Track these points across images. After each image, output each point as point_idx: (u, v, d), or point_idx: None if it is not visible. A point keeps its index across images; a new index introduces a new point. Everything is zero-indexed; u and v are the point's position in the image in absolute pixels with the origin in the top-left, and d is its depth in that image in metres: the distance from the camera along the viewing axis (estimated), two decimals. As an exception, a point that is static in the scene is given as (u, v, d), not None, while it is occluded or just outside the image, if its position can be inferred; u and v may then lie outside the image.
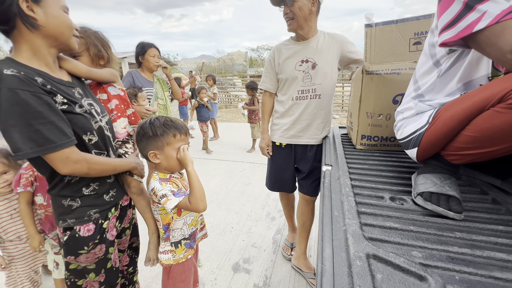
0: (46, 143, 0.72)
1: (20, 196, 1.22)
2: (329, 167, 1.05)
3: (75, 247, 0.89)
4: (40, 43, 0.79)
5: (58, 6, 0.80)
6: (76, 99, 0.85)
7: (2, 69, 0.70)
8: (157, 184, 0.93)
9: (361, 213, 0.70)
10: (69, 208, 0.87)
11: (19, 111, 0.69)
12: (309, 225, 1.65)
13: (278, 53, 1.48)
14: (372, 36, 1.11)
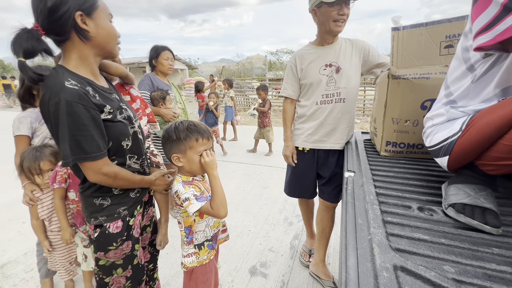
0: (82, 153, 0.79)
1: (55, 192, 1.31)
2: (352, 173, 1.03)
3: (105, 243, 0.94)
4: (89, 52, 0.86)
5: (106, 17, 0.86)
6: (118, 107, 0.93)
7: (63, 81, 0.77)
8: (180, 187, 0.96)
9: (387, 223, 0.68)
10: (101, 206, 0.93)
11: (70, 121, 0.76)
12: (328, 232, 1.62)
13: (300, 59, 1.47)
14: (399, 39, 1.07)
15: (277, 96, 12.40)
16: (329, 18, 1.32)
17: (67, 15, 0.78)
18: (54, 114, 0.77)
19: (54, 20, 0.78)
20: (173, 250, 2.01)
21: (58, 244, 1.46)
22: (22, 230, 2.34)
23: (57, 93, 0.76)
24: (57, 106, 0.75)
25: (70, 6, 0.78)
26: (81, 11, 0.80)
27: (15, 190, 3.07)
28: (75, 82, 0.79)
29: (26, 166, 1.31)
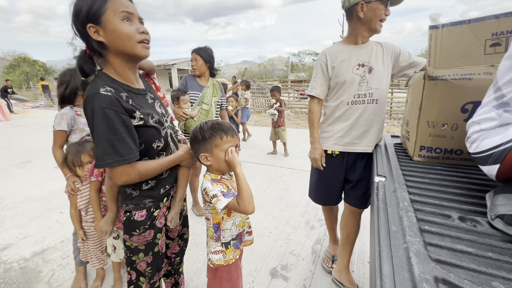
0: (117, 156, 0.83)
1: (92, 184, 1.40)
2: (383, 178, 0.99)
3: (130, 228, 1.02)
4: (116, 60, 0.88)
5: (116, 18, 0.80)
6: (151, 110, 0.97)
7: (99, 88, 0.81)
8: (208, 185, 0.99)
9: (424, 231, 0.64)
10: (130, 195, 1.00)
11: (104, 126, 0.81)
12: (353, 238, 1.56)
13: (331, 57, 1.41)
14: (438, 38, 1.01)
15: (299, 98, 12.28)
16: (377, 16, 1.28)
17: (83, 30, 0.81)
18: (91, 120, 0.83)
19: (82, 37, 0.84)
20: (195, 246, 2.07)
21: (92, 234, 1.56)
22: (59, 219, 2.53)
23: (92, 100, 0.80)
24: (92, 112, 0.81)
25: (81, 19, 0.80)
26: (90, 22, 0.80)
27: (54, 181, 3.33)
28: (110, 88, 0.83)
29: (70, 159, 1.43)
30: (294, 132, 6.78)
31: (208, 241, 1.12)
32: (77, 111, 1.54)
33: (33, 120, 9.17)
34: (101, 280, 1.70)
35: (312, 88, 1.49)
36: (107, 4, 0.80)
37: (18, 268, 1.87)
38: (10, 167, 4.16)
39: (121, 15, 0.81)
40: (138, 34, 0.84)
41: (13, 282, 1.74)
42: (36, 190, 3.20)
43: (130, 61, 0.90)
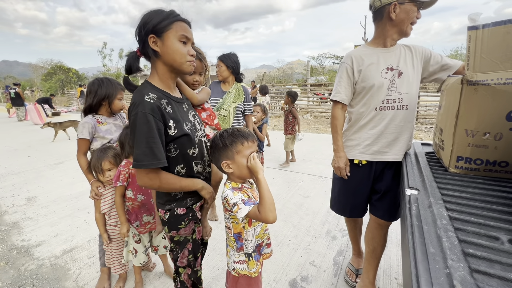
0: (154, 159, 0.91)
1: (117, 189, 1.45)
2: (415, 191, 0.91)
3: (175, 223, 1.09)
4: (164, 69, 1.00)
5: (175, 38, 0.95)
6: (185, 118, 1.06)
7: (144, 95, 0.93)
8: (229, 193, 0.98)
9: (469, 255, 0.57)
10: (175, 197, 1.08)
11: (144, 130, 0.90)
12: (380, 252, 1.47)
13: (357, 60, 1.34)
14: (478, 39, 0.93)
15: (319, 102, 12.08)
16: (409, 19, 1.23)
17: (144, 38, 0.96)
18: (133, 123, 0.92)
19: (139, 42, 0.98)
20: (214, 252, 2.06)
21: (115, 237, 1.61)
22: (87, 219, 2.66)
23: (137, 106, 0.91)
24: (136, 117, 0.91)
25: (147, 29, 0.94)
26: (153, 33, 0.94)
27: (83, 183, 3.53)
28: (153, 96, 0.94)
29: (92, 164, 1.50)
30: (314, 137, 6.65)
31: (228, 250, 1.10)
32: (98, 119, 1.59)
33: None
34: (124, 282, 1.74)
35: (337, 93, 1.41)
36: (172, 25, 0.95)
37: (49, 265, 1.98)
38: (45, 167, 4.48)
39: (180, 37, 0.96)
40: (188, 55, 0.99)
41: (44, 278, 1.84)
42: (67, 191, 3.40)
43: (173, 72, 1.02)
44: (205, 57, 1.30)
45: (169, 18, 0.95)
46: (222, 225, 2.49)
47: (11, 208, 2.96)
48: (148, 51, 0.97)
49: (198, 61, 1.26)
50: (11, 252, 2.15)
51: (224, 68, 2.29)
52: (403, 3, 1.20)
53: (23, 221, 2.66)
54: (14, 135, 7.64)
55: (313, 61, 31.17)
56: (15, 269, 1.94)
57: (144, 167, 0.91)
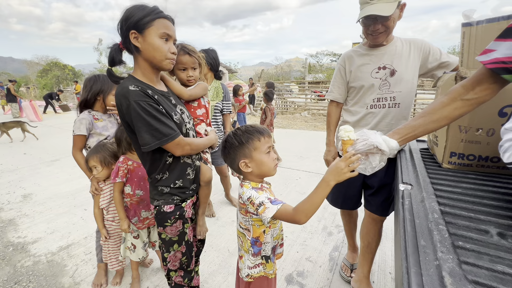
0: (163, 137, 0.97)
1: (115, 185, 1.45)
2: (408, 186, 0.93)
3: (162, 220, 1.12)
4: (144, 64, 1.02)
5: (156, 35, 0.96)
6: (173, 109, 1.07)
7: (127, 86, 0.95)
8: (253, 193, 0.90)
9: (458, 248, 0.58)
10: (161, 191, 1.11)
11: (143, 116, 0.94)
12: (374, 247, 1.49)
13: (350, 61, 1.39)
14: (471, 36, 0.94)
15: (316, 99, 12.09)
16: (366, 31, 1.28)
17: (126, 32, 0.96)
18: (128, 114, 0.96)
19: (122, 36, 0.99)
20: (211, 248, 2.07)
21: (112, 233, 1.62)
22: (84, 216, 2.65)
23: (126, 97, 0.94)
24: (129, 107, 0.94)
25: (128, 24, 0.95)
26: (134, 29, 0.95)
27: (79, 180, 3.51)
28: (136, 85, 0.97)
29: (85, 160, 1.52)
30: (311, 135, 6.67)
31: (243, 255, 1.03)
32: (94, 116, 1.59)
33: (62, 121, 9.77)
34: (120, 278, 1.75)
35: (330, 91, 1.52)
36: (154, 22, 0.96)
37: (46, 261, 1.98)
38: (41, 165, 4.45)
39: (161, 34, 0.97)
40: (169, 53, 1.00)
41: (40, 274, 1.84)
42: (64, 188, 3.39)
43: (153, 67, 1.04)
44: (195, 51, 1.27)
45: (152, 14, 0.95)
46: (220, 221, 2.50)
47: (7, 205, 2.95)
48: (129, 46, 0.98)
49: (187, 56, 1.23)
50: (7, 249, 2.14)
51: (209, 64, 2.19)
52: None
53: (19, 218, 2.65)
54: (10, 132, 7.56)
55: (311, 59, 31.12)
56: (11, 265, 1.94)
57: (153, 147, 0.96)
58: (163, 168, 1.08)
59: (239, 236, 1.05)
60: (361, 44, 1.42)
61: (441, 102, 0.80)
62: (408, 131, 0.84)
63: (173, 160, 1.09)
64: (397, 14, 1.23)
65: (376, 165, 0.80)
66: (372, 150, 0.79)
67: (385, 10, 1.15)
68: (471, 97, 0.76)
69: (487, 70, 0.72)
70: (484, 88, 0.74)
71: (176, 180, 1.11)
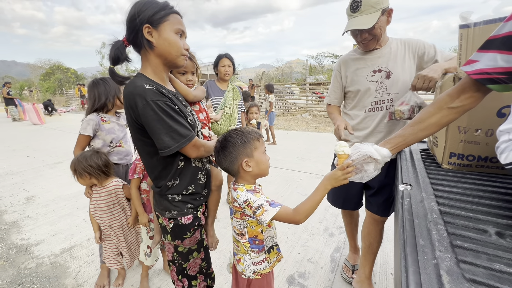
0: (182, 138, 0.92)
1: (133, 182, 1.46)
2: (408, 186, 0.93)
3: (180, 233, 1.06)
4: (157, 61, 0.96)
5: (171, 31, 0.93)
6: (186, 110, 1.03)
7: (143, 84, 0.88)
8: (250, 195, 0.89)
9: (456, 247, 0.59)
10: (173, 200, 1.03)
11: (162, 117, 0.89)
12: (376, 248, 1.49)
13: (345, 66, 1.41)
14: (469, 38, 0.95)
15: (317, 101, 12.10)
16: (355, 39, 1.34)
17: (137, 27, 0.91)
18: (144, 116, 0.88)
19: (130, 31, 0.93)
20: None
21: (106, 235, 1.62)
22: (86, 218, 2.67)
23: (142, 96, 0.87)
24: (146, 107, 0.87)
25: (141, 19, 0.90)
26: (149, 23, 0.90)
27: (82, 182, 3.54)
28: (152, 84, 0.91)
29: None
30: (313, 136, 6.67)
31: (241, 257, 1.03)
32: (102, 117, 1.60)
33: (64, 124, 9.84)
34: (123, 279, 1.76)
35: (327, 96, 1.56)
36: (169, 16, 0.92)
37: (49, 263, 1.99)
38: (44, 167, 4.48)
39: (176, 30, 0.94)
40: (183, 49, 0.97)
41: (44, 276, 1.85)
42: (66, 190, 3.41)
43: (167, 65, 0.99)
44: (194, 56, 1.29)
45: (166, 9, 0.92)
46: (221, 223, 2.50)
47: (10, 208, 2.97)
48: (140, 42, 0.92)
49: (188, 60, 1.21)
50: (11, 251, 2.16)
51: (232, 68, 2.34)
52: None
53: (23, 220, 2.67)
54: (13, 135, 7.63)
55: (312, 60, 31.15)
56: (15, 267, 1.95)
57: (175, 150, 0.91)
58: (175, 174, 1.00)
59: (233, 241, 1.07)
60: (356, 48, 1.43)
61: (428, 112, 0.83)
62: (399, 140, 0.86)
63: (185, 164, 1.02)
64: (384, 20, 1.25)
65: (371, 173, 0.84)
66: (367, 159, 0.83)
67: (366, 23, 1.20)
68: (457, 105, 0.78)
69: (471, 80, 0.74)
70: (469, 96, 0.76)
71: (188, 186, 1.04)
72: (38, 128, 9.02)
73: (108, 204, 1.55)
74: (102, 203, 1.54)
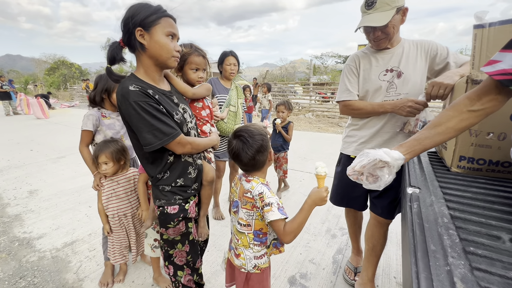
0: (165, 136, 0.97)
1: (141, 176, 1.47)
2: (417, 189, 0.91)
3: (165, 221, 1.11)
4: (148, 62, 1.01)
5: (162, 33, 0.97)
6: (174, 109, 1.06)
7: (128, 86, 0.94)
8: (266, 189, 0.94)
9: (470, 253, 0.57)
10: (162, 190, 1.10)
11: (143, 116, 0.94)
12: (379, 250, 1.47)
13: (359, 61, 1.38)
14: (484, 38, 0.92)
15: (321, 101, 12.05)
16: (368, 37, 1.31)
17: (131, 30, 0.95)
18: (128, 115, 0.95)
19: (125, 33, 0.98)
20: (214, 248, 2.07)
21: (114, 228, 1.62)
22: (88, 213, 2.68)
23: (126, 98, 0.93)
24: (129, 107, 0.93)
25: (134, 22, 0.94)
26: (141, 27, 0.94)
27: (84, 177, 3.55)
28: (137, 85, 0.95)
29: (93, 155, 1.53)
30: (315, 136, 6.64)
31: (241, 252, 1.04)
32: (103, 113, 1.61)
33: (68, 119, 9.88)
34: (124, 275, 1.76)
35: (349, 92, 1.40)
36: (160, 20, 0.96)
37: (50, 257, 1.99)
38: (47, 161, 4.50)
39: (167, 32, 0.98)
40: (174, 51, 1.01)
41: (45, 270, 1.86)
42: (69, 184, 3.42)
43: (158, 65, 1.03)
44: (205, 54, 1.30)
45: (158, 12, 0.96)
46: (223, 221, 2.50)
47: (13, 201, 2.99)
48: (134, 44, 0.97)
49: (201, 58, 1.26)
50: (13, 244, 2.17)
51: (237, 66, 2.30)
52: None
53: (25, 214, 2.68)
54: (17, 129, 7.68)
55: (316, 60, 31.04)
56: (17, 260, 1.96)
57: (155, 147, 0.96)
58: (165, 167, 1.07)
59: (235, 234, 1.07)
60: (368, 46, 1.41)
61: (446, 115, 0.78)
62: (413, 144, 0.81)
63: (174, 159, 1.08)
64: (398, 19, 1.23)
65: (386, 179, 0.80)
66: (377, 164, 0.79)
67: (381, 20, 1.18)
68: (477, 108, 0.74)
69: (493, 81, 0.71)
70: (491, 99, 0.72)
71: (177, 179, 1.10)
72: (42, 122, 9.06)
73: (126, 191, 1.59)
74: (120, 191, 1.58)
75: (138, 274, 1.81)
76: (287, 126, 2.96)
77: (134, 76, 1.01)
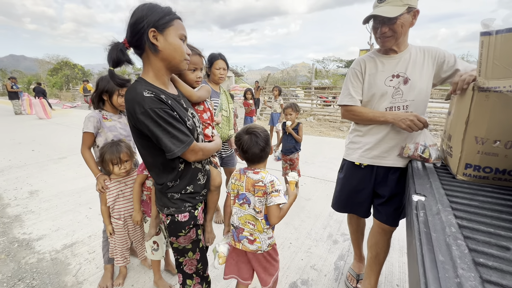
0: (181, 144, 0.95)
1: (138, 177, 1.46)
2: (422, 197, 0.90)
3: (175, 230, 1.09)
4: (160, 65, 0.98)
5: (176, 35, 0.95)
6: (185, 114, 1.04)
7: (141, 91, 0.90)
8: (275, 178, 1.14)
9: (480, 265, 0.56)
10: (171, 198, 1.07)
11: (161, 124, 0.91)
12: (383, 258, 1.45)
13: (365, 65, 1.36)
14: (491, 45, 0.91)
15: (322, 105, 12.05)
16: (376, 34, 1.30)
17: (142, 30, 0.91)
18: (144, 123, 0.91)
19: (134, 34, 0.93)
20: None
21: (118, 230, 1.61)
22: (88, 215, 2.66)
23: (141, 104, 0.89)
24: (145, 115, 0.89)
25: (146, 23, 0.90)
26: (154, 27, 0.91)
27: (85, 178, 3.54)
28: (151, 91, 0.92)
29: (108, 158, 1.49)
30: (317, 140, 6.63)
31: (257, 237, 1.18)
32: (104, 115, 1.60)
33: (70, 119, 9.91)
34: (123, 279, 1.74)
35: (350, 97, 1.39)
36: (174, 22, 0.95)
37: (50, 259, 1.98)
38: (48, 162, 4.50)
39: (180, 35, 0.97)
40: (186, 54, 1.00)
41: (44, 272, 1.84)
42: (69, 185, 3.41)
43: (169, 69, 1.01)
44: (201, 52, 1.28)
45: (171, 14, 0.94)
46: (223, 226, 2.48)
47: (14, 201, 2.98)
48: (143, 45, 0.93)
49: (198, 57, 1.23)
50: (12, 245, 2.16)
51: (226, 70, 2.16)
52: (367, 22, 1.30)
53: (25, 215, 2.67)
54: (19, 129, 7.70)
55: (317, 64, 31.13)
56: (16, 262, 1.95)
57: (178, 154, 0.94)
58: (176, 176, 1.04)
59: (250, 222, 1.18)
60: (374, 50, 1.40)
61: None
62: None
63: (185, 166, 1.06)
64: (408, 20, 1.22)
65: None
66: None
67: (390, 12, 1.17)
68: None
69: None
70: None
71: (187, 186, 1.08)
72: (44, 122, 9.09)
73: (117, 192, 1.58)
74: (127, 192, 1.59)
75: (137, 278, 1.79)
76: (297, 127, 3.02)
77: (144, 81, 0.96)
